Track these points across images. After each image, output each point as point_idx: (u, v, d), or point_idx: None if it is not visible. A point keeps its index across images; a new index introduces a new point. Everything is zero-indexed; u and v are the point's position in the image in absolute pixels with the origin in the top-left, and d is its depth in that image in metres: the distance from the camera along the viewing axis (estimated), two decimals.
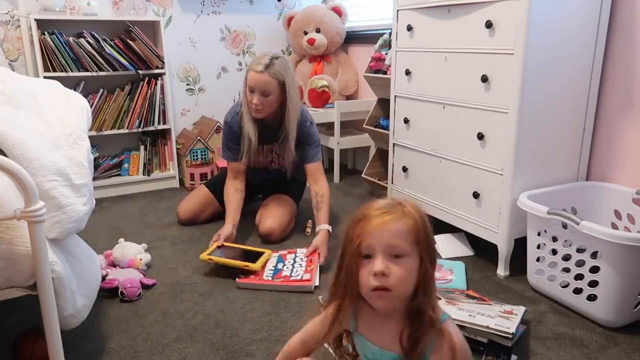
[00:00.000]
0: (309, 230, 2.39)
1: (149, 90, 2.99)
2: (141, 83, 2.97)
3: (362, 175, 2.91)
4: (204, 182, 2.72)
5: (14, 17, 2.80)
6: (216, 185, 2.48)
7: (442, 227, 2.39)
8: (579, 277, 1.62)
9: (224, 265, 1.96)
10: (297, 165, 2.37)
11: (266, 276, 1.91)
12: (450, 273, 1.92)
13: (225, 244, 2.07)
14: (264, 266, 1.97)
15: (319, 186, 2.24)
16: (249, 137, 2.21)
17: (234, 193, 2.27)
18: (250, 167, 2.36)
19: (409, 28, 2.21)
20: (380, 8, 3.23)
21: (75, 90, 2.31)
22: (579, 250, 1.60)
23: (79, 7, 2.86)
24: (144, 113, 3.02)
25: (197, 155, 3.14)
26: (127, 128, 2.99)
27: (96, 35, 2.82)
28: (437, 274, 1.89)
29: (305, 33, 3.35)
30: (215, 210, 2.51)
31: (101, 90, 2.89)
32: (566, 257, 1.66)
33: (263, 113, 2.15)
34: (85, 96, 2.54)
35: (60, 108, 1.56)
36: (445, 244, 2.17)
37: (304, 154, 2.31)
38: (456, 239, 2.20)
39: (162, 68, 3.00)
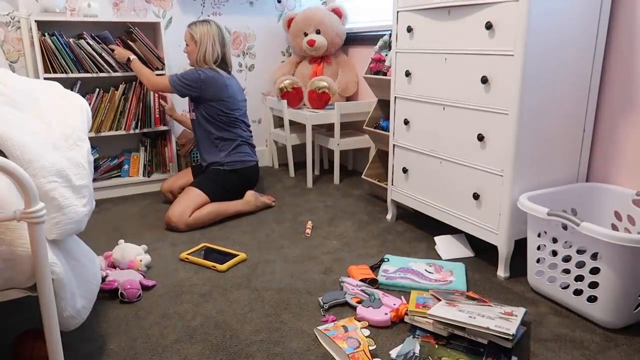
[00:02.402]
0: (309, 231, 2.40)
1: (142, 91, 2.99)
2: (134, 83, 2.97)
3: (362, 176, 2.91)
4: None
5: (14, 19, 2.81)
6: (198, 167, 2.86)
7: (442, 228, 2.40)
8: (579, 278, 1.62)
9: (197, 264, 2.09)
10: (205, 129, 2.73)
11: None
12: (450, 274, 1.92)
13: (209, 245, 2.23)
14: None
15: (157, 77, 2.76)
16: None
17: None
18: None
19: (409, 29, 2.22)
20: (380, 9, 3.23)
21: (72, 90, 2.32)
22: (579, 252, 1.60)
23: (80, 9, 2.87)
24: (140, 114, 3.02)
25: (196, 156, 3.14)
26: (124, 129, 2.99)
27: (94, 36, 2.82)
28: (437, 275, 1.90)
29: (306, 34, 3.35)
30: (188, 181, 2.78)
31: (97, 90, 2.90)
32: (566, 259, 1.66)
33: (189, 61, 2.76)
34: (83, 96, 2.54)
35: (60, 109, 1.56)
36: (445, 245, 2.17)
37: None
38: (456, 240, 2.20)
39: (162, 69, 3.01)
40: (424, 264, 2.01)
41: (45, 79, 2.68)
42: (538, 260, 1.77)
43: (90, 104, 2.86)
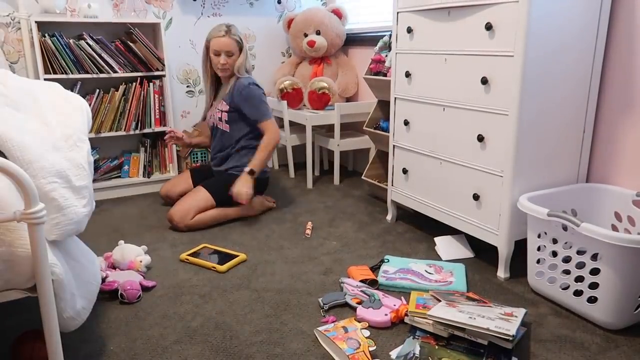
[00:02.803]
0: (309, 232, 2.39)
1: (142, 92, 3.00)
2: (134, 84, 2.98)
3: (362, 177, 2.91)
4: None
5: (14, 20, 2.81)
6: (197, 171, 2.84)
7: (442, 228, 2.40)
8: (579, 279, 1.62)
9: (197, 265, 2.09)
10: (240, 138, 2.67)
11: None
12: (450, 275, 1.92)
13: (208, 245, 2.23)
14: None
15: (266, 136, 2.57)
16: (206, 93, 2.77)
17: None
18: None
19: (409, 30, 2.22)
20: (380, 10, 3.23)
21: (72, 91, 2.32)
22: (579, 252, 1.60)
23: (80, 10, 2.87)
24: (140, 115, 3.02)
25: (197, 157, 3.14)
26: (124, 130, 2.99)
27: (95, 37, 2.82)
28: (437, 276, 1.90)
29: (306, 35, 3.36)
30: (187, 188, 2.73)
31: (97, 90, 2.90)
32: (566, 259, 1.65)
33: (228, 72, 2.62)
34: (83, 97, 2.55)
35: (60, 110, 1.56)
36: (445, 246, 2.17)
37: (248, 111, 2.59)
38: (456, 240, 2.20)
39: (162, 70, 3.01)
40: (424, 264, 2.01)
41: (45, 79, 2.68)
42: (538, 261, 1.77)
43: (90, 105, 2.86)
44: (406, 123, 2.32)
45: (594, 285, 1.57)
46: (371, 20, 3.35)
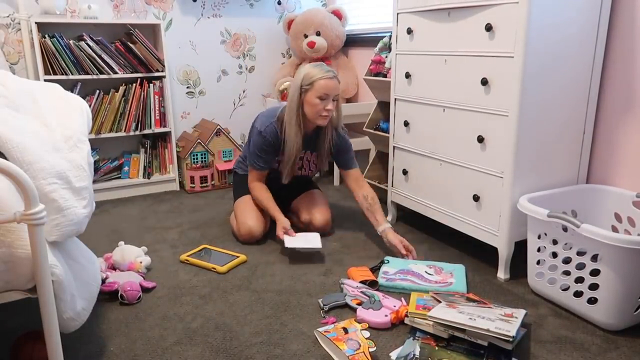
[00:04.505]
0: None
1: (142, 93, 3.00)
2: (134, 85, 2.98)
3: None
4: (239, 198, 2.45)
5: (14, 20, 2.81)
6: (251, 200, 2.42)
7: (443, 229, 2.39)
8: (580, 280, 1.62)
9: (197, 266, 2.09)
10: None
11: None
12: (450, 276, 1.92)
13: (209, 247, 2.23)
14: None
15: (365, 190, 2.30)
16: (292, 147, 2.24)
17: (265, 191, 2.34)
18: (275, 172, 2.39)
19: (409, 31, 2.22)
20: (380, 11, 3.23)
21: (72, 92, 2.32)
22: (579, 253, 1.60)
23: (80, 10, 2.87)
24: (140, 115, 3.02)
25: (197, 158, 3.14)
26: (124, 131, 2.99)
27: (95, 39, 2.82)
28: (437, 277, 1.90)
29: (306, 36, 3.36)
30: (264, 222, 2.37)
31: (97, 91, 2.90)
32: (566, 260, 1.65)
33: (329, 118, 2.24)
34: (83, 98, 2.55)
35: (60, 111, 1.55)
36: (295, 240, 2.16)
37: (343, 160, 2.38)
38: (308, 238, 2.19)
39: (162, 71, 3.01)
40: (424, 265, 2.01)
41: (45, 80, 2.68)
42: (538, 262, 1.77)
43: (90, 106, 2.86)
44: (406, 124, 2.32)
45: (594, 286, 1.57)
46: (371, 21, 3.35)
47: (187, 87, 3.40)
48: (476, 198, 1.96)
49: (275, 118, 2.26)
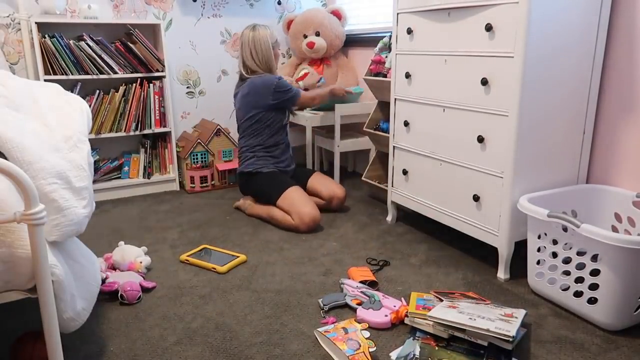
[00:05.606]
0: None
1: (142, 93, 3.00)
2: (134, 85, 2.98)
3: (362, 178, 2.91)
4: (282, 193, 2.54)
5: (14, 20, 2.81)
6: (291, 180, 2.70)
7: (443, 229, 2.40)
8: (579, 280, 1.62)
9: (197, 266, 2.09)
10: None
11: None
12: None
13: (208, 247, 2.24)
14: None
15: None
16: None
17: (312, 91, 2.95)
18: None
19: (409, 31, 2.22)
20: (380, 11, 3.23)
21: (72, 92, 2.32)
22: (579, 253, 1.60)
23: (80, 10, 2.87)
24: (140, 115, 3.02)
25: (197, 158, 3.14)
26: (124, 131, 2.99)
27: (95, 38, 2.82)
28: None
29: (305, 36, 3.36)
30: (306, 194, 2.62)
31: (97, 91, 2.90)
32: (566, 260, 1.65)
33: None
34: (83, 98, 2.55)
35: (60, 111, 1.56)
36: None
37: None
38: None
39: (162, 71, 3.01)
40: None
41: (45, 80, 2.68)
42: (538, 262, 1.77)
43: (90, 106, 2.86)
44: (406, 124, 2.32)
45: (594, 286, 1.57)
46: (371, 21, 3.35)
47: (187, 87, 3.40)
48: (476, 198, 1.96)
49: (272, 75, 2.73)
